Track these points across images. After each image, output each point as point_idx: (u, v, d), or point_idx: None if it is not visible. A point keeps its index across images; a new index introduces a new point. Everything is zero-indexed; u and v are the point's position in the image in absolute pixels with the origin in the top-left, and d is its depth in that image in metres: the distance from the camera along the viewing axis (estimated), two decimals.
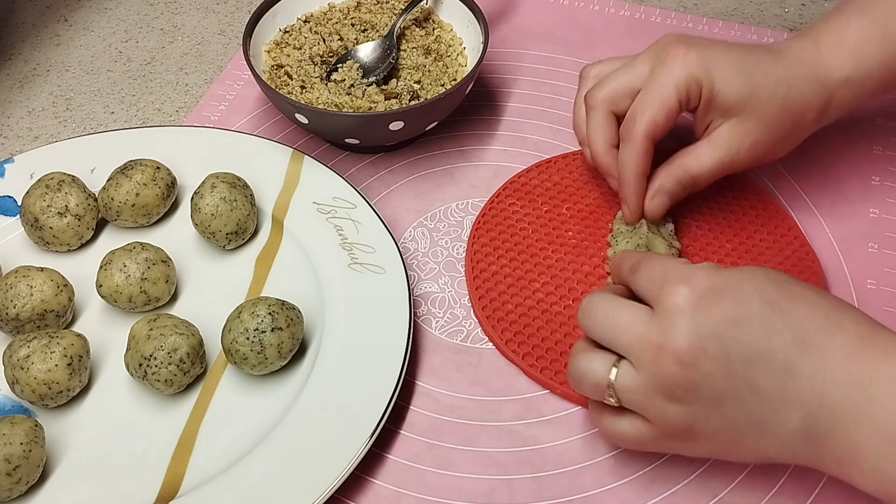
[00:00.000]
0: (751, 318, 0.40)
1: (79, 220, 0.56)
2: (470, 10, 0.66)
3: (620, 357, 0.42)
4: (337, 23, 0.69)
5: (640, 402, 0.42)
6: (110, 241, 0.59)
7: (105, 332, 0.54)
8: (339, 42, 0.67)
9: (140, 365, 0.49)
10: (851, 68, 0.53)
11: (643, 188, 0.55)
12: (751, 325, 0.40)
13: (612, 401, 0.43)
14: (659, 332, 0.40)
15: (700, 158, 0.54)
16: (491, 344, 0.54)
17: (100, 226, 0.59)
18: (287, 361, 0.51)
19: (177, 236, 0.59)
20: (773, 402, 0.39)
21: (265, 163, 0.61)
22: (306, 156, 0.61)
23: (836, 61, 0.53)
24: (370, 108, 0.62)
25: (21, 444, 0.45)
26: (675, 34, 0.54)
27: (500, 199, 0.61)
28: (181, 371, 0.49)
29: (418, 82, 0.64)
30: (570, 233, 0.59)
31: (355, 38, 0.68)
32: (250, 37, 0.64)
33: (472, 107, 0.69)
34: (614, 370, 0.42)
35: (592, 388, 0.43)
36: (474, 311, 0.56)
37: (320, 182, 0.60)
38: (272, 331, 0.49)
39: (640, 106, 0.53)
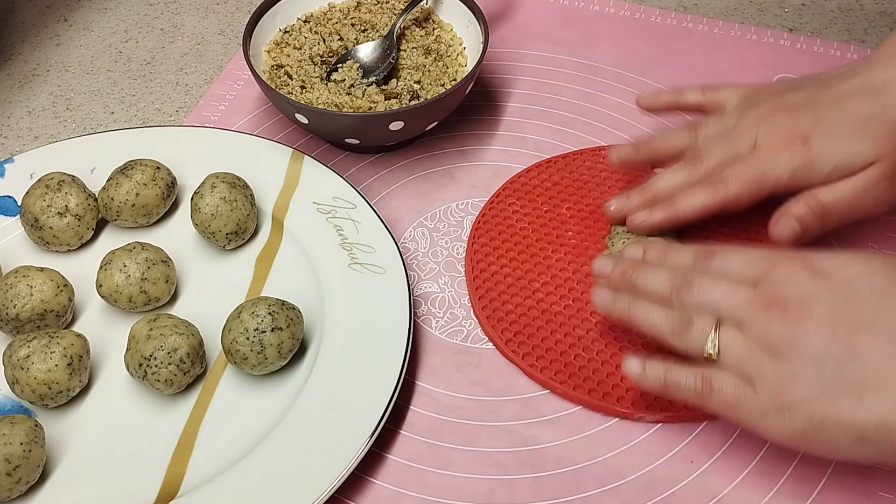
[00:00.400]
0: (861, 295, 0.41)
1: (79, 220, 0.56)
2: (470, 10, 0.66)
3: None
4: (337, 23, 0.69)
5: (740, 356, 0.43)
6: (110, 241, 0.59)
7: (105, 332, 0.54)
8: (339, 42, 0.67)
9: (140, 365, 0.49)
10: None
11: (674, 220, 0.54)
12: (860, 301, 0.41)
13: (712, 350, 0.43)
14: (767, 295, 0.43)
15: (834, 187, 0.52)
16: (491, 344, 0.54)
17: (100, 226, 0.59)
18: (287, 361, 0.51)
19: (177, 236, 0.59)
20: (877, 367, 0.40)
21: (265, 163, 0.61)
22: (306, 156, 0.61)
23: None
24: (370, 108, 0.62)
25: (21, 444, 0.45)
26: (769, 104, 0.54)
27: (499, 199, 0.61)
28: (181, 371, 0.49)
29: (418, 82, 0.64)
30: (570, 233, 0.59)
31: (355, 38, 0.68)
32: (250, 37, 0.64)
33: (472, 107, 0.69)
34: (714, 334, 0.44)
35: (698, 333, 0.44)
36: (474, 310, 0.56)
37: (320, 182, 0.60)
38: (272, 331, 0.49)
39: (740, 175, 0.52)
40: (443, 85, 0.64)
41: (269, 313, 0.49)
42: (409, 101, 0.62)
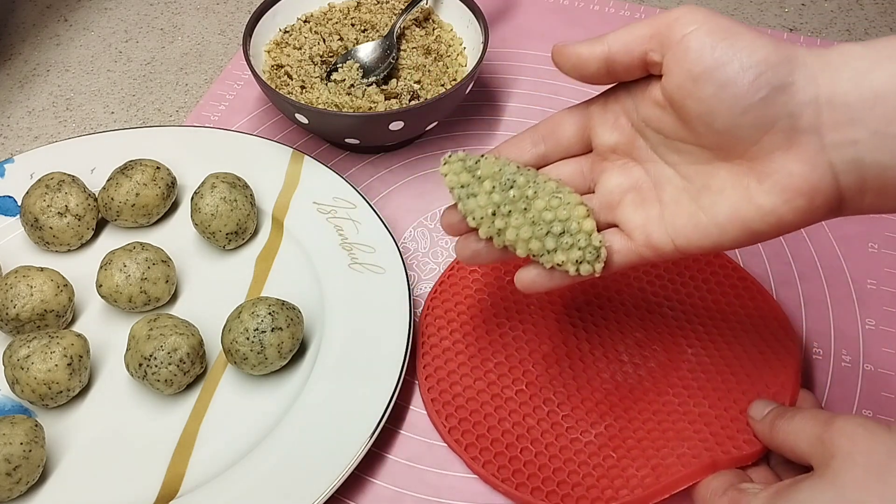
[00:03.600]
0: None
1: (79, 220, 0.56)
2: (470, 10, 0.66)
3: None
4: (337, 23, 0.69)
5: None
6: (110, 241, 0.59)
7: (105, 332, 0.54)
8: (339, 42, 0.67)
9: (140, 365, 0.49)
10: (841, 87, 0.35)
11: None
12: None
13: None
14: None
15: None
16: None
17: (100, 226, 0.59)
18: (287, 361, 0.51)
19: (177, 236, 0.59)
20: None
21: (265, 163, 0.61)
22: (306, 156, 0.61)
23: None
24: (370, 108, 0.62)
25: (21, 444, 0.45)
26: None
27: (460, 267, 0.56)
28: (181, 371, 0.49)
29: (418, 82, 0.64)
30: (532, 307, 0.53)
31: (355, 38, 0.68)
32: (250, 37, 0.64)
33: (472, 107, 0.69)
34: None
35: None
36: (420, 390, 0.51)
37: (320, 182, 0.60)
38: (272, 331, 0.49)
39: None
40: (443, 85, 0.64)
41: (269, 313, 0.49)
42: (409, 101, 0.62)
